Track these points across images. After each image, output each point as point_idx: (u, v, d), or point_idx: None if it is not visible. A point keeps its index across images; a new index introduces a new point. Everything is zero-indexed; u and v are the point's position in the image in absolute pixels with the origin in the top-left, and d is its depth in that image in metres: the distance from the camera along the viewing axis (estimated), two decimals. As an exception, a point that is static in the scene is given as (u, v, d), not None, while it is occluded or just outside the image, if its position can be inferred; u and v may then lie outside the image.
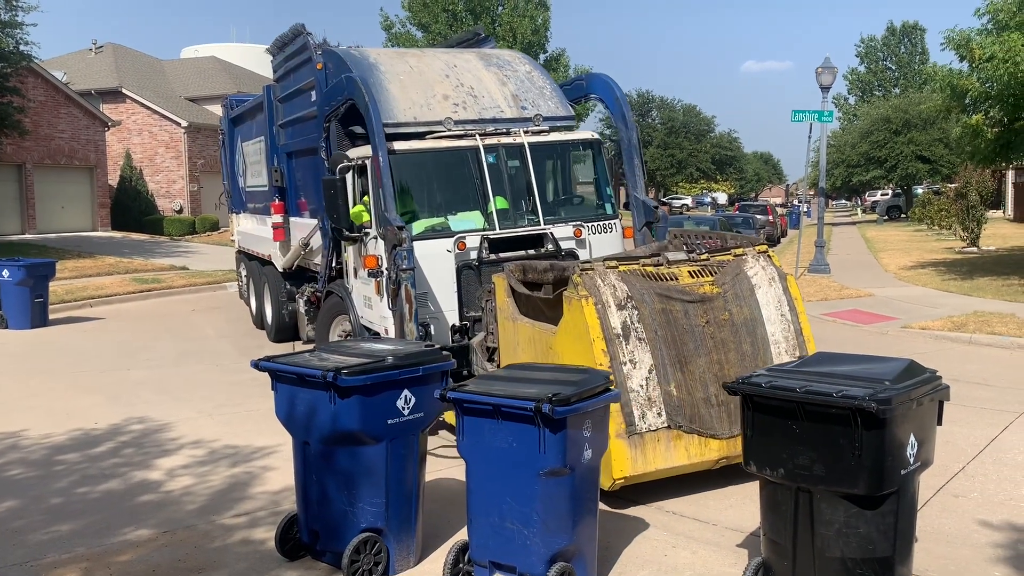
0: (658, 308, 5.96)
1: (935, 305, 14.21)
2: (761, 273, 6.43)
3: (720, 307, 6.18)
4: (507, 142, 8.61)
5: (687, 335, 5.99)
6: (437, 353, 5.16)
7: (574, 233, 8.58)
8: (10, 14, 23.17)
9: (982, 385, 8.98)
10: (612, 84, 9.64)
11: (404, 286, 7.29)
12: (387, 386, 4.78)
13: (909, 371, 4.22)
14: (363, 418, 4.71)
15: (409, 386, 4.87)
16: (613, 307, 5.83)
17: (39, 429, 8.04)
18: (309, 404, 4.85)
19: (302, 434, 4.96)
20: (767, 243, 6.78)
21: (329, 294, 9.57)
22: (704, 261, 6.48)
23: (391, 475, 4.85)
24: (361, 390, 4.68)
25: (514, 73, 9.66)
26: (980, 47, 14.72)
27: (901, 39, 66.35)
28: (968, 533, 5.33)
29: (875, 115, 48.37)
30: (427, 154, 8.42)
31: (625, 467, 5.62)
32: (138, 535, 5.53)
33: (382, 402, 4.77)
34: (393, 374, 4.79)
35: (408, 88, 8.84)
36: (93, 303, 16.93)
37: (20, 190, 30.21)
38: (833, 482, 4.02)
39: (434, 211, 8.42)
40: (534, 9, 36.19)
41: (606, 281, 5.94)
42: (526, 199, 8.59)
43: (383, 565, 4.84)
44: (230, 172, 15.26)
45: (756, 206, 40.82)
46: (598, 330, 5.72)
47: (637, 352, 5.79)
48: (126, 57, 40.91)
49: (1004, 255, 22.39)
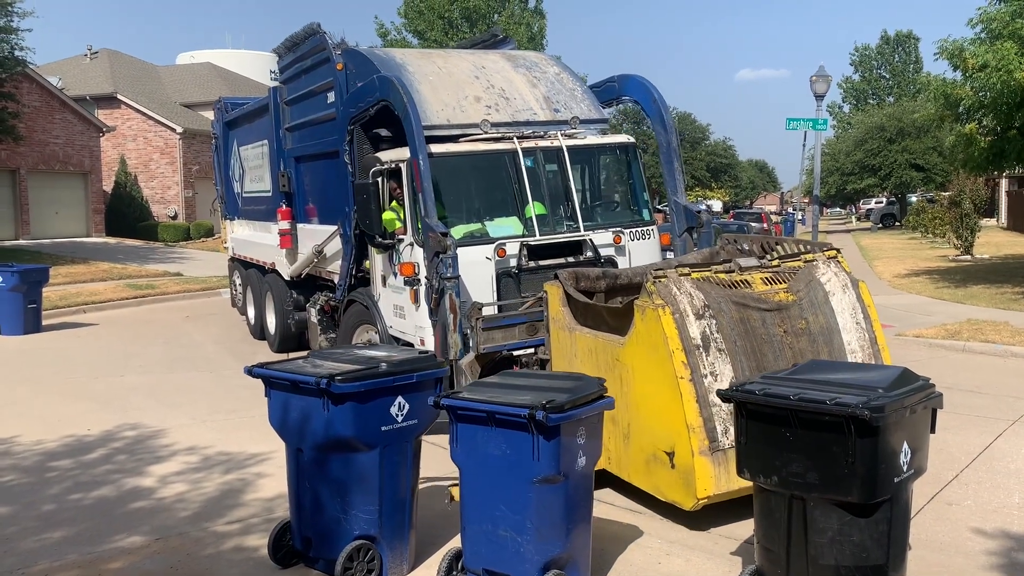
0: (736, 317, 5.66)
1: (929, 313, 14.24)
2: (834, 279, 6.16)
3: (796, 315, 5.91)
4: (544, 145, 8.39)
5: (766, 345, 5.71)
6: (431, 360, 5.15)
7: (613, 240, 8.37)
8: (5, 20, 23.15)
9: (976, 393, 9.00)
10: (648, 85, 9.37)
11: (448, 295, 7.08)
12: (381, 393, 4.76)
13: (902, 379, 4.22)
14: (356, 425, 4.68)
15: (403, 392, 4.84)
16: (691, 316, 5.49)
17: (31, 435, 8.01)
18: (302, 411, 4.82)
19: (295, 440, 4.93)
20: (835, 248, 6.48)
21: (351, 303, 9.24)
22: (776, 267, 6.22)
23: (385, 482, 4.83)
24: (354, 396, 4.65)
25: (543, 75, 9.41)
26: (973, 56, 14.78)
27: (895, 48, 66.77)
28: (962, 541, 5.34)
29: (869, 123, 48.56)
30: (464, 157, 8.17)
31: (709, 486, 5.27)
32: (130, 542, 5.50)
33: (375, 409, 4.75)
34: (387, 381, 4.77)
35: (439, 89, 8.57)
36: (87, 309, 16.88)
37: (14, 195, 30.16)
38: (826, 490, 4.01)
39: (471, 216, 8.20)
40: (530, 16, 36.34)
41: (682, 289, 5.61)
42: (564, 204, 8.38)
43: (376, 573, 4.83)
44: (224, 177, 14.92)
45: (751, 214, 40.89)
46: (677, 341, 5.37)
47: (718, 363, 5.46)
48: (121, 63, 40.89)
49: (998, 263, 22.47)
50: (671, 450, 5.41)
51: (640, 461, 5.75)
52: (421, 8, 35.75)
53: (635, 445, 5.78)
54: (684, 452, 5.30)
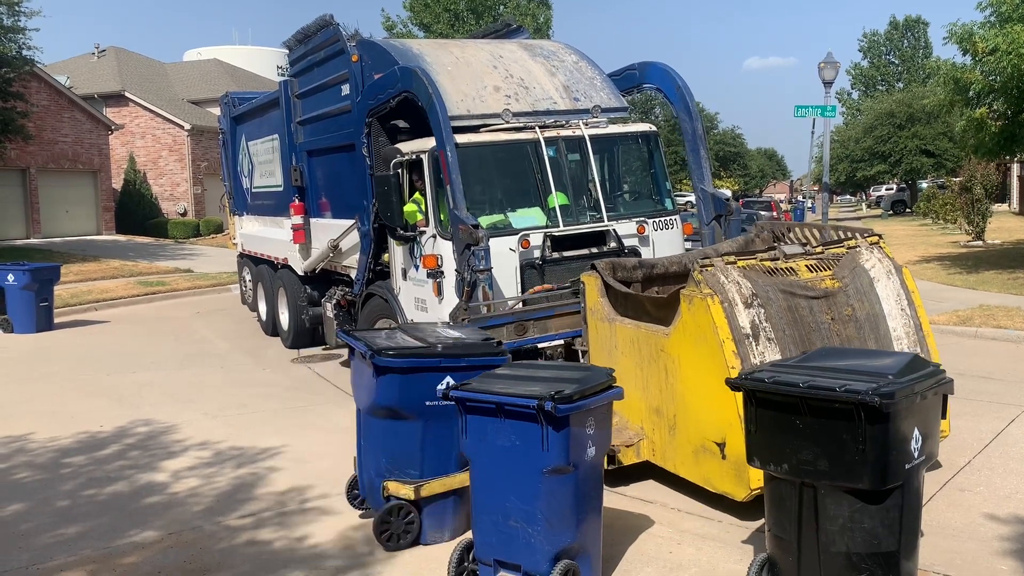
0: (784, 305, 5.58)
1: (940, 299, 14.16)
2: (878, 266, 6.06)
3: (843, 302, 5.83)
4: (566, 135, 8.31)
5: (814, 333, 5.62)
6: (491, 347, 5.40)
7: (637, 230, 8.31)
8: (13, 19, 23.25)
9: (988, 379, 8.96)
10: (672, 73, 9.22)
11: (481, 288, 7.03)
12: (425, 370, 5.14)
13: (912, 365, 4.20)
14: (400, 396, 5.13)
15: (452, 373, 5.17)
16: (740, 305, 5.39)
17: (45, 432, 8.07)
18: (362, 375, 5.38)
19: (359, 403, 5.50)
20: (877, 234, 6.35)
21: (370, 296, 9.21)
22: (819, 254, 6.11)
23: (426, 451, 5.23)
24: (397, 371, 5.07)
25: (561, 63, 9.29)
26: (983, 40, 14.67)
27: (904, 33, 66.26)
28: (974, 527, 5.32)
29: (879, 110, 48.24)
30: (487, 148, 8.07)
31: (761, 476, 5.19)
32: (144, 537, 5.54)
33: (419, 383, 5.14)
34: (433, 361, 5.15)
35: (457, 79, 8.47)
36: (98, 306, 16.97)
37: (24, 194, 30.32)
38: (837, 477, 4.00)
39: (494, 207, 8.12)
40: (536, 8, 36.25)
41: (729, 278, 5.50)
42: (587, 194, 8.30)
43: (413, 536, 5.22)
44: (232, 172, 14.82)
45: (760, 202, 40.72)
46: (727, 330, 5.27)
47: (768, 353, 5.34)
48: (129, 61, 41.02)
49: (1010, 248, 22.31)
50: (722, 441, 5.34)
51: (688, 452, 5.69)
52: (427, 1, 35.71)
53: (682, 436, 5.72)
54: (736, 443, 5.18)
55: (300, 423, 8.25)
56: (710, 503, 5.75)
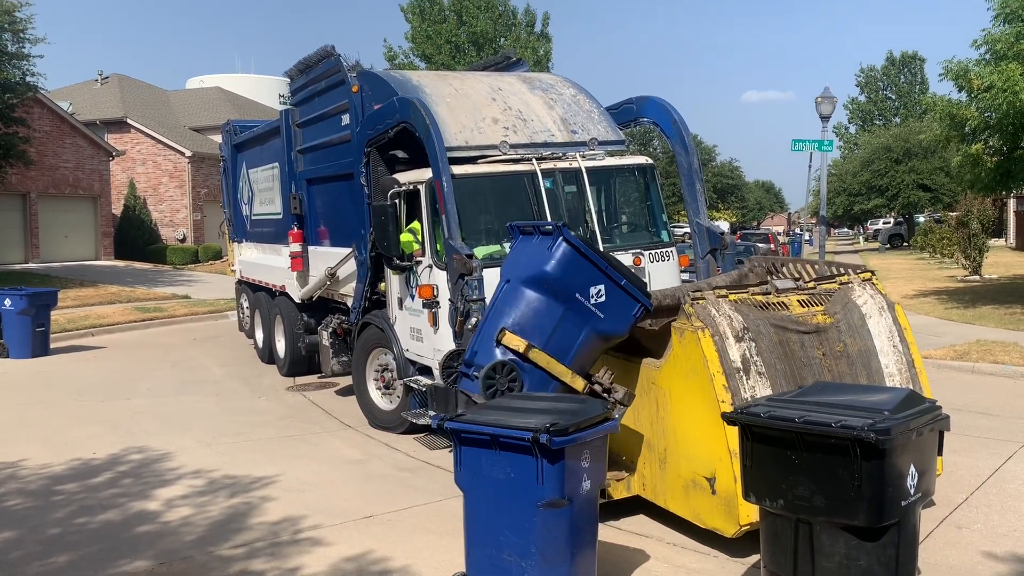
0: (775, 340, 5.58)
1: (937, 334, 14.16)
2: (870, 302, 6.09)
3: (834, 338, 5.84)
4: (563, 166, 8.38)
5: (805, 368, 5.61)
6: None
7: (633, 261, 8.34)
8: (17, 46, 23.42)
9: (985, 415, 8.93)
10: (668, 107, 9.34)
11: (474, 318, 7.00)
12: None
13: (908, 401, 4.20)
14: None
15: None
16: (731, 339, 5.39)
17: (38, 459, 8.01)
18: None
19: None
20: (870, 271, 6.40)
21: (366, 325, 9.21)
22: (812, 289, 6.15)
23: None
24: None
25: (560, 96, 9.40)
26: (978, 77, 14.81)
27: (901, 69, 66.94)
28: (972, 565, 5.28)
29: (876, 144, 48.59)
30: (484, 179, 8.15)
31: (751, 512, 4.98)
32: (135, 566, 5.48)
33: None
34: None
35: (456, 111, 8.55)
36: (95, 332, 16.93)
37: (24, 219, 30.38)
38: (833, 513, 3.98)
39: (491, 238, 8.14)
40: (536, 41, 36.57)
41: (720, 311, 5.51)
42: (583, 226, 8.34)
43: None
44: (232, 199, 14.91)
45: (758, 234, 40.86)
46: (717, 364, 5.26)
47: (758, 387, 5.35)
48: (131, 87, 41.31)
49: (1007, 283, 22.36)
50: (712, 476, 5.31)
51: (678, 487, 5.65)
52: (429, 32, 36.05)
53: (672, 471, 5.69)
54: (726, 478, 5.16)
55: (294, 452, 8.21)
56: (704, 538, 5.71)
